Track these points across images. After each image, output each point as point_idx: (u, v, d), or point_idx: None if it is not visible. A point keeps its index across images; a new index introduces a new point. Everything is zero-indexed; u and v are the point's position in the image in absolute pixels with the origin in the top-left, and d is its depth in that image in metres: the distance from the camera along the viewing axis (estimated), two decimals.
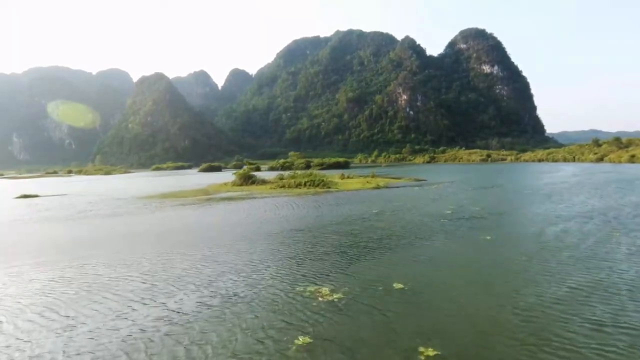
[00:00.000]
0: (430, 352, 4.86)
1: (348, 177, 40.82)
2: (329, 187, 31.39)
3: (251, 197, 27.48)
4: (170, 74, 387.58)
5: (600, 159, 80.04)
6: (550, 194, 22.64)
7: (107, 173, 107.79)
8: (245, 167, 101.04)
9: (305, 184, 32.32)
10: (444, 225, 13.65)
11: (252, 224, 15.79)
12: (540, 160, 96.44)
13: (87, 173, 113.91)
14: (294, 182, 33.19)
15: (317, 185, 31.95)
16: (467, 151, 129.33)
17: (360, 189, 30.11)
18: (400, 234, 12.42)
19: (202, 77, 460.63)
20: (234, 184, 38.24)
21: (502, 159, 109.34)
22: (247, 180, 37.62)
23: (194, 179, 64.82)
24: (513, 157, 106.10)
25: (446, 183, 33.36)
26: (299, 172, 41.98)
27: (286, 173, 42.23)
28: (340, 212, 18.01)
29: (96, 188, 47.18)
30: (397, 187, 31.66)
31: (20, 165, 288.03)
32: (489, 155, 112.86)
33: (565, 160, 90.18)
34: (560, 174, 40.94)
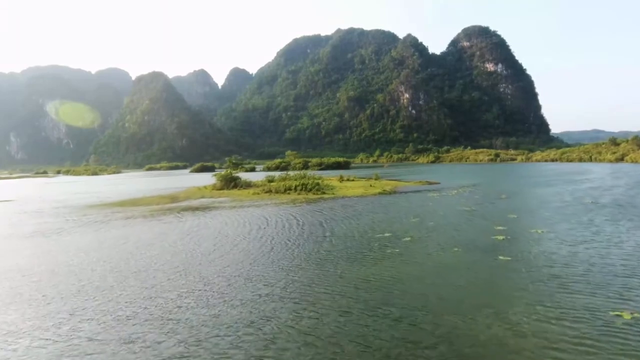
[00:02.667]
0: None
1: (348, 180, 35.08)
2: (324, 193, 25.71)
3: (225, 205, 21.82)
4: (170, 73, 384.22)
5: (620, 159, 74.27)
6: (618, 204, 16.91)
7: (94, 174, 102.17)
8: (240, 166, 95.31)
9: (295, 189, 26.61)
10: (514, 274, 7.92)
11: (194, 259, 10.10)
12: (553, 160, 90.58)
13: (75, 173, 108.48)
14: (283, 186, 27.50)
15: (310, 190, 26.25)
16: (474, 151, 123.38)
17: (362, 195, 24.40)
18: (451, 298, 6.71)
19: (202, 76, 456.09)
20: (214, 187, 32.60)
21: (512, 159, 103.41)
22: (229, 183, 31.94)
23: (180, 180, 59.24)
24: (523, 157, 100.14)
25: (467, 188, 27.57)
26: (290, 173, 36.28)
27: (277, 174, 36.61)
28: (336, 234, 12.34)
29: (61, 192, 41.59)
30: (408, 192, 25.92)
31: (17, 164, 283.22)
32: (497, 155, 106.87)
33: (581, 160, 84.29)
34: (594, 176, 35.16)
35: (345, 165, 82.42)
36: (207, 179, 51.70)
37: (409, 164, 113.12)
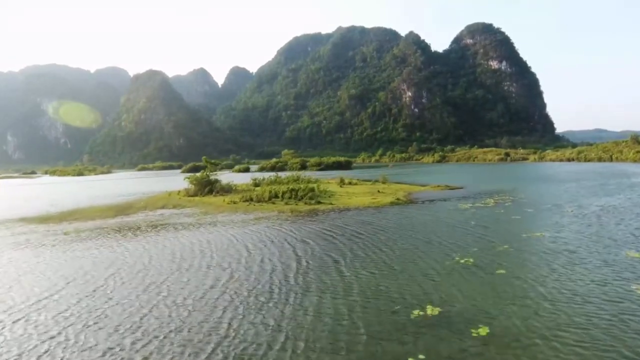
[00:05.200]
0: None
1: (349, 183, 29.04)
2: (320, 202, 19.66)
3: (185, 222, 15.86)
4: (170, 73, 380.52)
5: None
6: None
7: (80, 174, 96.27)
8: (238, 166, 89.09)
9: (282, 196, 20.59)
10: None
11: None
12: (569, 160, 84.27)
13: (61, 174, 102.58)
14: (268, 192, 21.45)
15: (302, 197, 20.22)
16: (482, 150, 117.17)
17: (370, 206, 18.35)
18: None
19: (201, 75, 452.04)
20: (187, 192, 26.61)
21: (524, 159, 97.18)
22: (204, 188, 25.95)
23: (163, 182, 53.30)
24: (536, 157, 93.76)
25: (503, 195, 21.45)
26: (282, 175, 30.31)
27: (266, 176, 30.66)
28: (338, 305, 6.37)
29: (12, 197, 35.72)
30: (430, 200, 19.87)
31: (14, 164, 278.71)
32: (507, 154, 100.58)
33: (600, 159, 77.96)
34: None
35: (346, 166, 76.35)
36: None
37: (414, 164, 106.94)
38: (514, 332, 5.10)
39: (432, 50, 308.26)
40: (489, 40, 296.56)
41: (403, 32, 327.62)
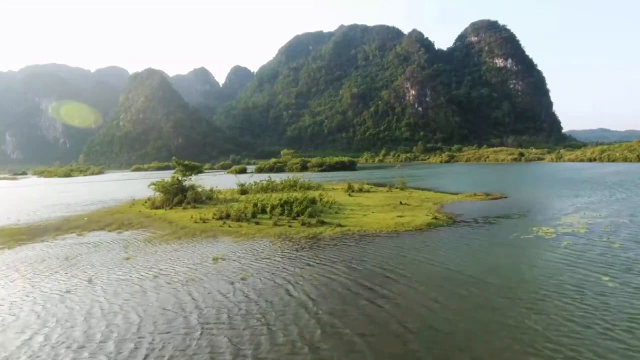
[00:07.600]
0: None
1: (360, 190, 23.09)
2: (324, 220, 13.82)
3: (103, 261, 10.08)
4: (171, 72, 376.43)
5: None
6: None
7: (67, 175, 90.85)
8: (234, 166, 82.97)
9: (271, 212, 14.74)
10: None
11: None
12: (590, 160, 78.16)
13: (48, 175, 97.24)
14: (252, 206, 15.62)
15: (299, 215, 14.34)
16: (493, 149, 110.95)
17: (398, 229, 12.50)
18: None
19: (202, 75, 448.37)
20: (153, 203, 20.77)
21: (539, 159, 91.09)
22: (174, 197, 20.10)
23: (144, 185, 47.61)
24: (553, 156, 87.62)
25: (581, 210, 15.58)
26: (276, 179, 24.44)
27: (258, 179, 24.87)
28: None
29: None
30: (484, 219, 14.00)
31: (13, 164, 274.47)
32: (522, 154, 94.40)
33: (626, 159, 71.78)
34: None
35: (350, 166, 70.32)
36: None
37: (421, 164, 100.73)
38: None
39: (436, 48, 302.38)
40: (494, 37, 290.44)
41: (406, 30, 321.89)
